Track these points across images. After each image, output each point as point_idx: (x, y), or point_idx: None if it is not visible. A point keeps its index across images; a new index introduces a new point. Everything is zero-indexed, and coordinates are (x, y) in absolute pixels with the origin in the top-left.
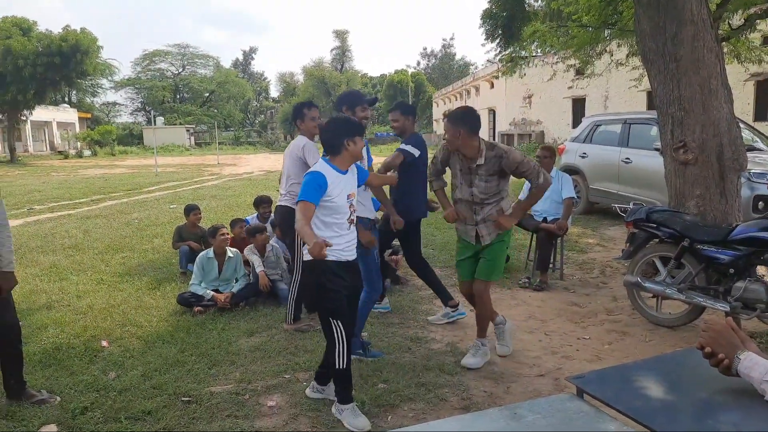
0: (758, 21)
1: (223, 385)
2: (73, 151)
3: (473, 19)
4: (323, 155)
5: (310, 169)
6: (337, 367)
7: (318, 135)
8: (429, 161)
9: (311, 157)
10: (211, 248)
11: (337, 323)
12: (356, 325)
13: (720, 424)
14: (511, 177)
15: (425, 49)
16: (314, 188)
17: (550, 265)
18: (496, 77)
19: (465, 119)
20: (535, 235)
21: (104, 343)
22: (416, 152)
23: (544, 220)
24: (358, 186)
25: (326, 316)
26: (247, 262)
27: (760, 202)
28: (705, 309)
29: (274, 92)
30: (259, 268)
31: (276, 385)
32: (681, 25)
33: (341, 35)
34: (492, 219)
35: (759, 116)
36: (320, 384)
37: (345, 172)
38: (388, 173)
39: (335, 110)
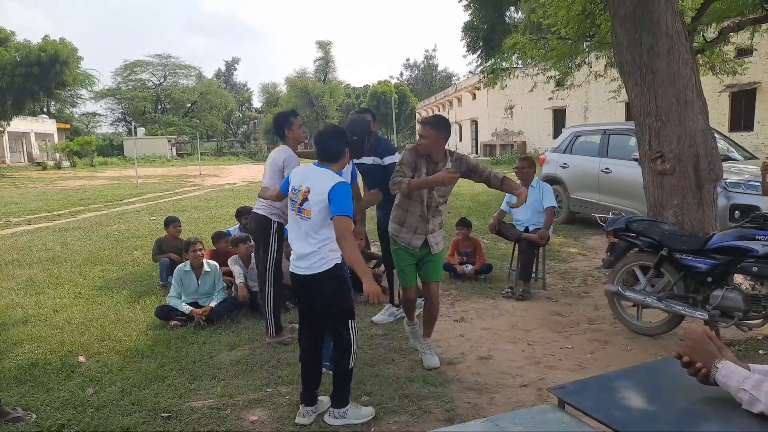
0: (731, 34)
1: (204, 400)
2: (51, 162)
3: (455, 30)
4: (317, 163)
5: (338, 180)
6: (350, 367)
7: (305, 141)
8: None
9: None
10: (188, 261)
11: (354, 324)
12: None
13: None
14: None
15: (408, 60)
16: (350, 202)
17: (533, 275)
18: (478, 88)
19: (445, 126)
20: (517, 245)
21: (81, 359)
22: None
23: (526, 229)
24: None
25: (346, 319)
26: (229, 273)
27: (737, 211)
28: (684, 317)
29: (257, 103)
30: (239, 280)
31: (258, 400)
32: (657, 37)
33: (324, 46)
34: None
35: (734, 127)
36: (310, 406)
37: None
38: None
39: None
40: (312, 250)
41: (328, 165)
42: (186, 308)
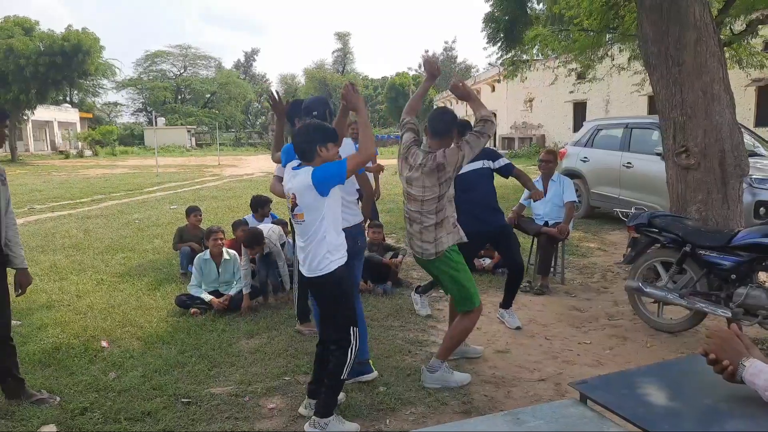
0: (760, 26)
1: (223, 387)
2: (74, 151)
3: (475, 22)
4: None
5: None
6: (342, 378)
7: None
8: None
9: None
10: (208, 250)
11: (355, 331)
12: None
13: None
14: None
15: (427, 51)
16: (337, 163)
17: (551, 269)
18: (498, 81)
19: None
20: (536, 239)
21: (104, 344)
22: None
23: (546, 223)
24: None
25: (348, 325)
26: (253, 260)
27: (762, 208)
28: (706, 315)
29: None
30: (246, 289)
31: (276, 387)
32: (684, 29)
33: (343, 37)
34: None
35: (760, 122)
36: (314, 399)
37: None
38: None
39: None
40: (309, 252)
41: (307, 164)
42: (207, 297)
